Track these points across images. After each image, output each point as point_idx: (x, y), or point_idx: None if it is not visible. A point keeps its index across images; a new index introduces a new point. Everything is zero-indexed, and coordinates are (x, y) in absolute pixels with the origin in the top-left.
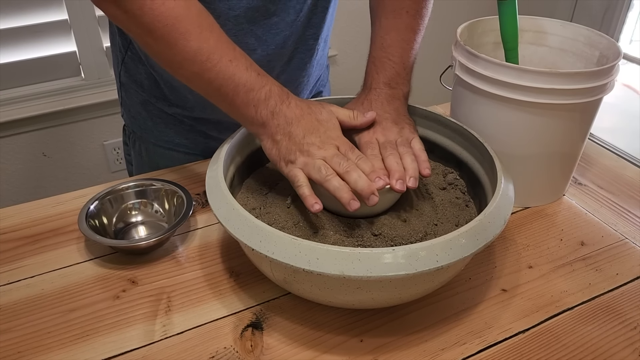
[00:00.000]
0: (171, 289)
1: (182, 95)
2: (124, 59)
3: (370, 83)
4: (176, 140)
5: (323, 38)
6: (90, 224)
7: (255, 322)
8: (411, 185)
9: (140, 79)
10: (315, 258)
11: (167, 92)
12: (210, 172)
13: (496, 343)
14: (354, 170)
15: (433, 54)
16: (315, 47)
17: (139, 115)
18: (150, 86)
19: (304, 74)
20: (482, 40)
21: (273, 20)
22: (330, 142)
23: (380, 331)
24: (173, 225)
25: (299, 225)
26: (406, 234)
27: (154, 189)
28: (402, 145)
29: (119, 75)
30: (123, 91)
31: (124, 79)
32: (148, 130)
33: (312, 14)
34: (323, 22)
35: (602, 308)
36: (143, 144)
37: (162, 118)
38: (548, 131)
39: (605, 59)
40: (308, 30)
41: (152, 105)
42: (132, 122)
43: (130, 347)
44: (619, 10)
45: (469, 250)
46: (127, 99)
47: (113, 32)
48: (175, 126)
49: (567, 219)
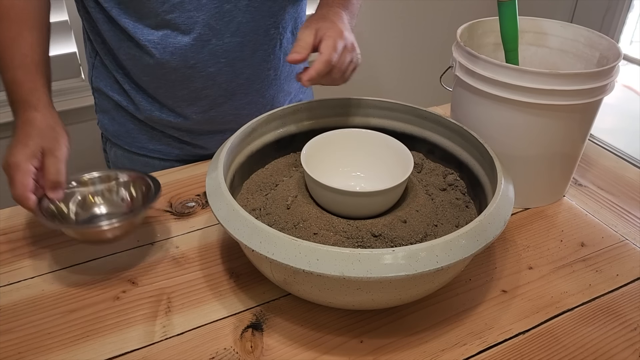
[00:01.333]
0: (171, 290)
1: (148, 98)
2: (94, 64)
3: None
4: (150, 147)
5: (288, 29)
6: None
7: (255, 323)
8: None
9: (109, 83)
10: (315, 259)
11: (133, 96)
12: (210, 173)
13: (496, 344)
14: None
15: (433, 54)
16: (277, 37)
17: (113, 121)
18: (119, 90)
19: (269, 67)
20: (483, 41)
21: (225, 7)
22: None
23: (380, 332)
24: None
25: (299, 226)
26: (406, 234)
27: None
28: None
29: (91, 81)
30: (96, 96)
31: (95, 85)
32: (121, 136)
33: (270, 1)
34: (284, 10)
35: (602, 309)
36: (119, 151)
37: (134, 124)
38: (548, 132)
39: (606, 60)
40: (267, 19)
41: (123, 110)
42: (106, 128)
43: (130, 348)
44: (619, 11)
45: (469, 251)
46: (100, 105)
47: (85, 38)
48: (147, 132)
49: (567, 220)
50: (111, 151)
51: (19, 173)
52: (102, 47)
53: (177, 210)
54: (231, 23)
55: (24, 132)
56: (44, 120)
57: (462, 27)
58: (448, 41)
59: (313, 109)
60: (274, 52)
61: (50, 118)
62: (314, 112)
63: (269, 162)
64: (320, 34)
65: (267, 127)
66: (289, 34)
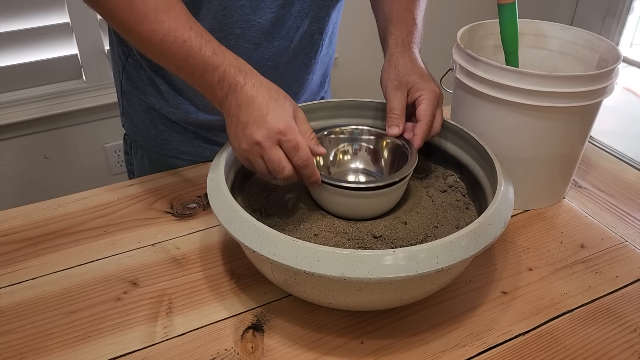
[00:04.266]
0: (172, 291)
1: (185, 99)
2: (124, 66)
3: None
4: (180, 149)
5: (328, 34)
6: None
7: (256, 324)
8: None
9: (142, 86)
10: (316, 260)
11: (170, 97)
12: (211, 174)
13: (496, 345)
14: (287, 171)
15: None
16: (320, 43)
17: (141, 123)
18: (153, 92)
19: (308, 71)
20: (483, 43)
21: (280, 12)
22: (273, 135)
23: (380, 333)
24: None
25: (300, 228)
26: (406, 236)
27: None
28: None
29: (120, 84)
30: (125, 100)
31: (126, 87)
32: (151, 138)
33: (318, 8)
34: (328, 16)
35: (602, 310)
36: (146, 153)
37: (166, 125)
38: (548, 134)
39: (605, 63)
40: (313, 25)
41: (156, 112)
42: (135, 130)
43: (131, 349)
44: (619, 14)
45: (469, 252)
46: (129, 108)
47: (112, 40)
48: (179, 134)
49: (567, 222)
50: (137, 153)
51: (300, 137)
52: None
53: (178, 211)
54: (282, 27)
55: (270, 95)
56: (267, 82)
57: (462, 30)
58: (448, 43)
59: (314, 111)
60: (315, 56)
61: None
62: (315, 114)
63: None
64: (413, 96)
65: None
66: (327, 40)
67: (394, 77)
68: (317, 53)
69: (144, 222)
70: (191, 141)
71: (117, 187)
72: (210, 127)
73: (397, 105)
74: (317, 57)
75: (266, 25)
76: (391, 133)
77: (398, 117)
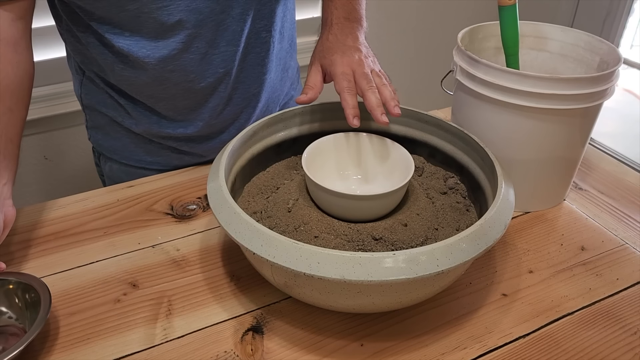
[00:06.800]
0: (172, 293)
1: (146, 111)
2: (82, 80)
3: (330, 19)
4: (148, 159)
5: (277, 30)
6: None
7: (255, 326)
8: (396, 112)
9: (102, 99)
10: (316, 262)
11: (130, 110)
12: (211, 176)
13: (496, 348)
14: None
15: (434, 58)
16: (270, 41)
17: (107, 136)
18: (113, 105)
19: (264, 71)
20: (483, 45)
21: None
22: None
23: (380, 335)
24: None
25: (300, 230)
26: (407, 238)
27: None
28: (376, 76)
29: (80, 98)
30: (87, 113)
31: (86, 101)
32: (117, 150)
33: (260, 5)
34: (273, 12)
35: (602, 313)
36: (114, 165)
37: (130, 138)
38: (548, 136)
39: (606, 65)
40: (258, 23)
41: (118, 125)
42: (100, 144)
43: (131, 351)
44: (620, 16)
45: (469, 254)
46: (92, 121)
47: (69, 53)
48: (145, 145)
49: (567, 224)
50: (106, 165)
51: None
52: (91, 67)
53: (178, 213)
54: (226, 32)
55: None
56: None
57: (463, 31)
58: (449, 45)
59: (314, 113)
60: (267, 55)
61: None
62: (315, 116)
63: (270, 165)
64: (327, 71)
65: (268, 130)
66: (277, 35)
67: (313, 57)
68: (269, 51)
69: (143, 224)
70: (158, 152)
71: (117, 189)
72: (175, 138)
73: (310, 79)
74: (269, 55)
75: (207, 34)
76: (300, 100)
77: (309, 87)
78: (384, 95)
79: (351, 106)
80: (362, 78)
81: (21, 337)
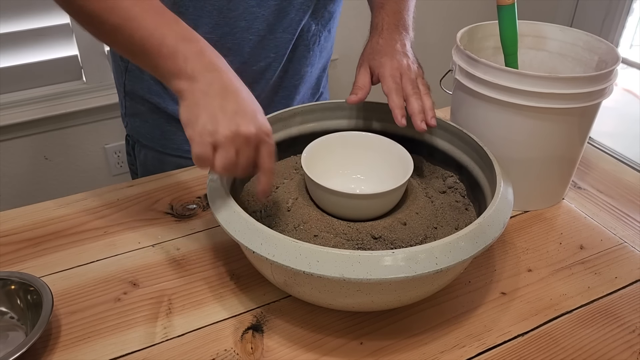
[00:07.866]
0: (172, 292)
1: None
2: (127, 66)
3: (381, 25)
4: (185, 147)
5: (327, 27)
6: None
7: (255, 324)
8: (433, 123)
9: (147, 85)
10: (316, 261)
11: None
12: (211, 175)
13: (495, 346)
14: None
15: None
16: (319, 35)
17: (145, 123)
18: (158, 91)
19: (307, 63)
20: (482, 44)
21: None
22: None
23: (380, 334)
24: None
25: (299, 228)
26: (406, 237)
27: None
28: (421, 84)
29: (123, 84)
30: (128, 100)
31: (129, 87)
32: (155, 138)
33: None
34: (326, 9)
35: (601, 311)
36: (149, 153)
37: (171, 124)
38: (547, 135)
39: (604, 64)
40: (313, 17)
41: (161, 111)
42: (138, 131)
43: (131, 350)
44: (619, 15)
45: (468, 253)
46: (132, 108)
47: None
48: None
49: (566, 223)
50: (141, 153)
51: None
52: None
53: (178, 212)
54: (285, 19)
55: (249, 93)
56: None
57: (462, 31)
58: (448, 45)
59: (314, 112)
60: (314, 49)
61: None
62: (315, 115)
63: None
64: (375, 72)
65: None
66: (326, 32)
67: (364, 56)
68: (316, 45)
69: (144, 223)
70: None
71: (117, 188)
72: None
73: (359, 79)
74: (316, 49)
75: (270, 17)
76: (350, 100)
77: (358, 87)
78: (425, 104)
79: (399, 106)
80: (409, 83)
81: (22, 338)
